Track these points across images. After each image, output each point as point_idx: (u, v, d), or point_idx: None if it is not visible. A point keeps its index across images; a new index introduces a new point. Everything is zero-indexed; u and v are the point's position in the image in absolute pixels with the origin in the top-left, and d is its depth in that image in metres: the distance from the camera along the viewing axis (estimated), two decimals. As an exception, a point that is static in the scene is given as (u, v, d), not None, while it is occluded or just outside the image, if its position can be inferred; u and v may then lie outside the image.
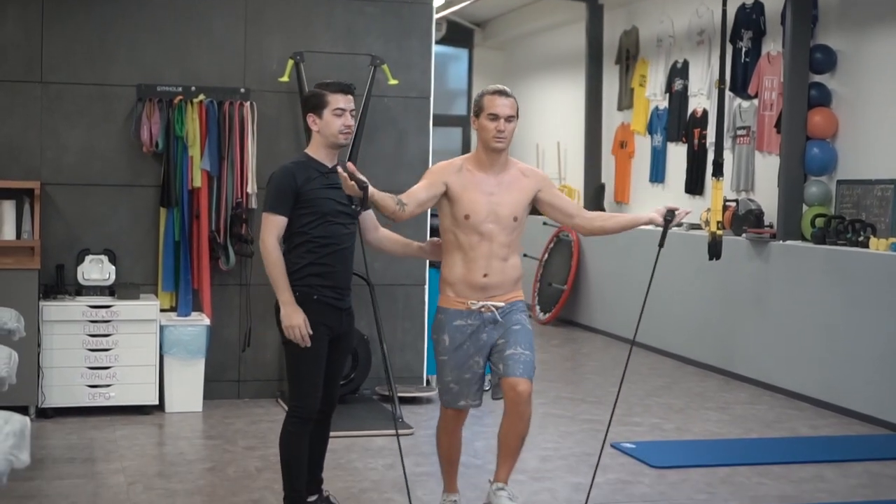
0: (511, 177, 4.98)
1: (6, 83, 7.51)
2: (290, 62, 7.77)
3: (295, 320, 4.86)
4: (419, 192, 4.88)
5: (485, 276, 4.89)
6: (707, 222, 9.24)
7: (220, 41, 7.87)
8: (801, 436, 7.43)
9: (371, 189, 4.60)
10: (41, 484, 5.77)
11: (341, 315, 5.05)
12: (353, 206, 4.78)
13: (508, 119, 4.87)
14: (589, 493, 5.08)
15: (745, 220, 9.20)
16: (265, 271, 4.94)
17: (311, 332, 4.89)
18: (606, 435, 5.25)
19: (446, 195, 4.92)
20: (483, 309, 4.91)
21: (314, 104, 5.00)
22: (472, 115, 5.01)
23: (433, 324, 5.06)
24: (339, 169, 4.66)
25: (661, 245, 5.09)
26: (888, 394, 7.59)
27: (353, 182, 4.56)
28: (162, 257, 7.71)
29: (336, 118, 4.97)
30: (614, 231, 5.25)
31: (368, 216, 5.15)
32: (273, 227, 4.91)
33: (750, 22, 9.62)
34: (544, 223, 12.66)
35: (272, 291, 4.99)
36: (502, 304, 4.94)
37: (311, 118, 5.02)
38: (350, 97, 5.02)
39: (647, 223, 5.19)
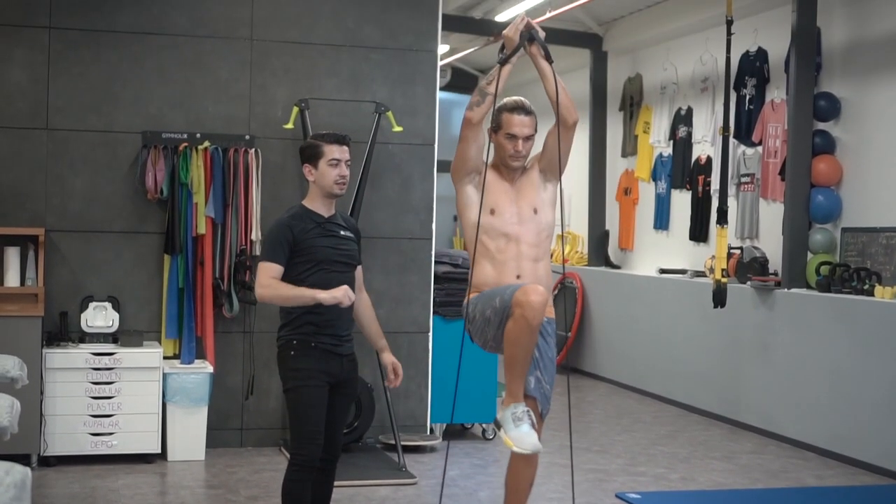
0: (525, 177, 4.97)
1: (12, 129, 7.53)
2: (295, 109, 7.79)
3: (336, 292, 4.78)
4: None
5: (518, 277, 4.81)
6: (712, 270, 9.22)
7: (225, 88, 7.90)
8: (808, 486, 7.37)
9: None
10: (42, 533, 5.73)
11: (342, 361, 5.02)
12: (501, 54, 4.85)
13: (527, 139, 4.85)
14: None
15: (749, 267, 9.18)
16: (276, 306, 4.97)
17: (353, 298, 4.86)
18: (573, 480, 5.19)
19: (476, 184, 4.88)
20: None
21: (309, 155, 5.03)
22: (490, 128, 4.96)
23: (468, 303, 4.87)
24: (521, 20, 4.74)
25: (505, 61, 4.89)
26: (894, 443, 7.54)
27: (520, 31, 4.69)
28: (166, 304, 7.69)
29: (331, 169, 4.98)
30: (546, 78, 4.92)
31: (357, 271, 5.14)
32: (267, 271, 4.89)
33: (753, 69, 9.65)
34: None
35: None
36: None
37: (307, 169, 5.04)
38: (345, 148, 5.03)
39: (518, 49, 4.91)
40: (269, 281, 4.87)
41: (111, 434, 7.28)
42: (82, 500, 6.43)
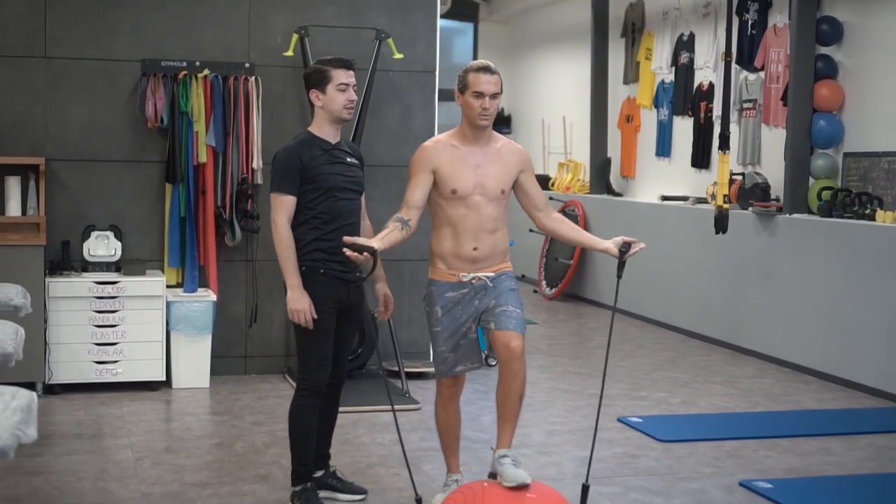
0: (496, 150, 4.98)
1: (10, 59, 7.49)
2: (295, 36, 7.74)
3: (300, 304, 4.87)
4: (414, 196, 4.90)
5: (474, 249, 4.90)
6: (713, 196, 9.22)
7: (224, 15, 7.84)
8: (808, 409, 7.43)
9: (377, 247, 4.63)
10: (48, 460, 5.79)
11: (349, 288, 5.05)
12: (359, 275, 4.86)
13: (493, 97, 4.88)
14: (589, 466, 5.03)
15: (751, 193, 9.18)
16: (275, 250, 4.95)
17: (315, 315, 4.91)
18: (599, 407, 5.20)
19: (437, 169, 4.92)
20: (474, 280, 4.93)
21: (317, 80, 5.00)
22: (456, 90, 4.98)
23: (425, 296, 5.05)
24: (345, 250, 4.61)
25: (619, 276, 5.12)
26: (894, 367, 7.59)
27: (359, 253, 4.58)
28: (168, 233, 7.70)
29: (340, 93, 4.98)
30: (564, 239, 5.30)
31: (361, 199, 5.17)
32: (283, 207, 4.92)
33: (756, -6, 9.58)
34: (550, 198, 12.65)
35: (279, 267, 5.00)
36: (492, 274, 4.96)
37: (314, 94, 5.02)
38: (351, 72, 5.02)
39: (602, 251, 5.17)
40: (285, 224, 4.90)
41: (116, 362, 7.33)
42: (88, 427, 6.50)
